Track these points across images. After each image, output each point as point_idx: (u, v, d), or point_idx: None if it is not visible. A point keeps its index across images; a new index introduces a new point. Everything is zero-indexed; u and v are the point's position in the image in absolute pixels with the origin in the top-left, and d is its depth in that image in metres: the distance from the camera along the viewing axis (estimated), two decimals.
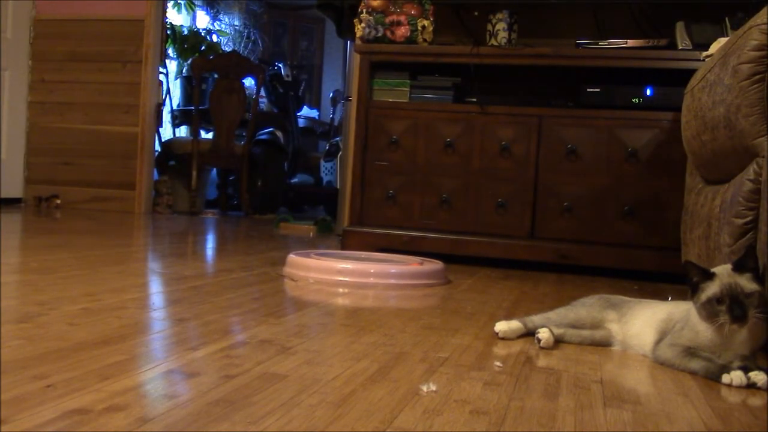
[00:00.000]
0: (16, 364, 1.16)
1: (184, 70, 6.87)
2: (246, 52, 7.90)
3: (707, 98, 2.01)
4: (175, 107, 6.64)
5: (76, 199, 5.27)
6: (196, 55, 6.71)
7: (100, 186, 5.25)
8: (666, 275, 2.91)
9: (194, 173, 5.46)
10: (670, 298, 1.75)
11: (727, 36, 2.67)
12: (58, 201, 5.26)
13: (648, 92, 3.08)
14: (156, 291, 2.15)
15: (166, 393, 1.09)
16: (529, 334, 1.65)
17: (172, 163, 5.73)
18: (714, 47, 2.45)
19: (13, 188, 5.27)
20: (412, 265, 2.58)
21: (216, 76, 5.91)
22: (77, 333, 1.41)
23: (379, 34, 3.36)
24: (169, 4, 6.53)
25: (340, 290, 2.29)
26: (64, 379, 1.10)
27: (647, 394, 1.28)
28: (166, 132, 6.35)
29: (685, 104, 2.41)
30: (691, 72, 2.56)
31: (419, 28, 3.34)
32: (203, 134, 6.19)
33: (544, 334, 1.58)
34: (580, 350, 1.57)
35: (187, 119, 6.58)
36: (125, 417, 0.94)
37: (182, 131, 6.92)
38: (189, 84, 6.56)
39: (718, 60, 1.94)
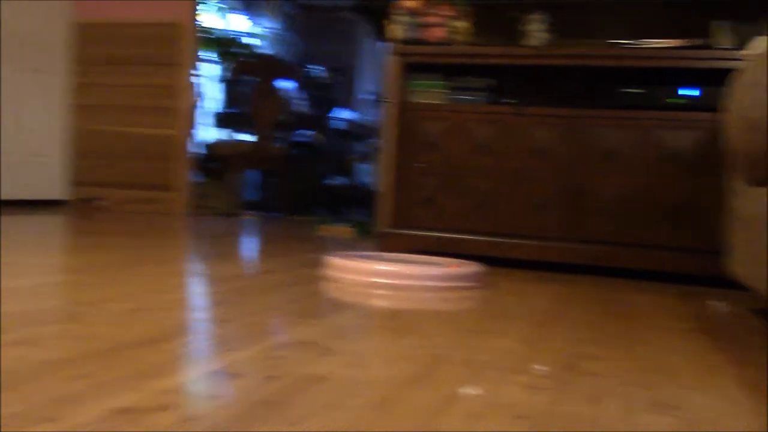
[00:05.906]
0: (62, 364, 1.19)
1: (224, 73, 6.95)
2: (283, 55, 7.96)
3: (749, 98, 1.98)
4: (216, 110, 6.73)
5: (118, 200, 5.37)
6: (235, 58, 6.78)
7: (141, 188, 5.34)
8: (707, 279, 2.88)
9: (235, 175, 5.53)
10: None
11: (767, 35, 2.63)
12: (102, 203, 5.36)
13: (687, 93, 3.05)
14: (198, 292, 2.18)
15: (211, 393, 1.11)
16: None
17: (213, 165, 5.81)
18: (753, 46, 2.41)
19: (58, 190, 5.38)
20: (450, 267, 2.59)
21: (255, 78, 5.97)
22: (121, 333, 1.44)
23: (415, 36, 3.37)
24: (207, 8, 6.61)
25: (378, 292, 2.30)
26: (109, 378, 1.12)
27: (692, 400, 1.26)
28: (208, 134, 6.44)
29: (725, 104, 2.38)
30: (730, 72, 2.52)
31: (454, 29, 3.34)
32: (243, 137, 6.26)
33: None
34: (626, 354, 1.56)
35: (227, 122, 6.66)
36: (171, 416, 0.97)
37: (223, 134, 7.00)
38: (229, 87, 6.64)
39: (760, 59, 1.91)
